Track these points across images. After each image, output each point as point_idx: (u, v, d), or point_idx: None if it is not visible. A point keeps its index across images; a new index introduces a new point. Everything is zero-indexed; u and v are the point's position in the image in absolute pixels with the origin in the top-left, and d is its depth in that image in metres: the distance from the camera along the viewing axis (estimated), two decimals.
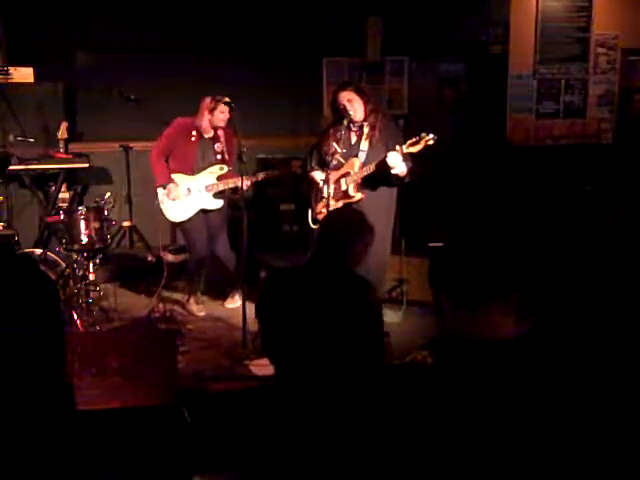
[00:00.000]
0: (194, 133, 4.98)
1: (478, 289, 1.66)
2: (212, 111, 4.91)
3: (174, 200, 4.97)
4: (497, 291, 1.66)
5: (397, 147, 4.18)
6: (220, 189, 5.01)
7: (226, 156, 5.02)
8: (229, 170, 5.03)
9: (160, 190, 5.03)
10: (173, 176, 4.99)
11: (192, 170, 5.02)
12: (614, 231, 5.48)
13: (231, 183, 4.95)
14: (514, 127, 7.23)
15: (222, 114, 4.91)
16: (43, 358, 1.47)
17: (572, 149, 7.17)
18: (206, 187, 5.01)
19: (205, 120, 4.95)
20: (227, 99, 4.79)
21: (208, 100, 4.93)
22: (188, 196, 5.00)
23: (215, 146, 5.04)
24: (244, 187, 4.75)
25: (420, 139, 4.12)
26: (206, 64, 6.52)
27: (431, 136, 4.11)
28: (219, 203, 5.06)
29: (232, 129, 4.89)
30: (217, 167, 5.02)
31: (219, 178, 5.01)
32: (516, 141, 7.22)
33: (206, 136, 5.03)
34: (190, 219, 5.04)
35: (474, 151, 7.00)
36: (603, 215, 5.65)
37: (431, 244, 4.95)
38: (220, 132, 5.04)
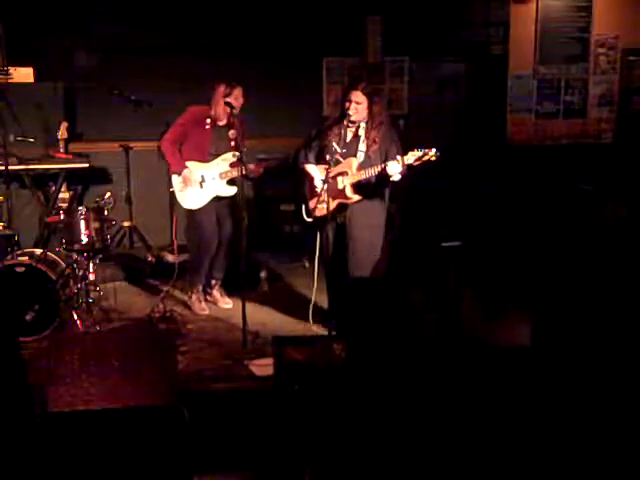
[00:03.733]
0: (208, 121, 5.00)
1: (498, 296, 1.68)
2: (227, 97, 4.91)
3: (189, 187, 4.99)
4: (516, 299, 1.68)
5: (398, 157, 4.21)
6: (234, 176, 5.02)
7: (239, 143, 5.02)
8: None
9: (175, 177, 5.05)
10: (187, 164, 5.01)
11: (205, 157, 5.03)
12: (614, 231, 5.48)
13: (245, 170, 4.94)
14: (514, 127, 7.23)
15: (236, 100, 4.93)
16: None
17: (572, 149, 7.17)
18: (220, 174, 5.03)
19: (220, 107, 4.95)
20: (239, 87, 4.90)
21: (222, 87, 4.94)
22: (203, 183, 5.01)
23: (229, 133, 5.05)
24: (255, 172, 4.90)
25: (424, 154, 4.15)
26: (206, 64, 6.51)
27: (434, 151, 4.13)
28: (233, 190, 5.07)
29: (240, 118, 4.95)
30: (230, 154, 5.03)
31: (232, 165, 5.02)
32: (516, 141, 7.23)
33: (220, 124, 5.04)
34: (201, 209, 5.06)
35: (474, 151, 7.00)
36: (603, 215, 5.65)
37: (444, 244, 4.97)
38: (232, 119, 5.04)
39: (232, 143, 5.05)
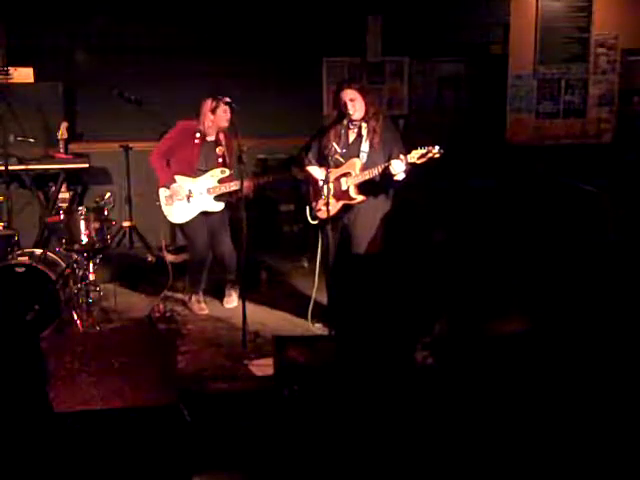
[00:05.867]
0: (197, 136, 4.99)
1: (484, 286, 1.68)
2: (214, 111, 4.91)
3: (177, 202, 4.98)
4: (502, 288, 1.69)
5: (401, 156, 4.20)
6: (221, 192, 5.02)
7: (227, 159, 5.03)
8: (230, 173, 5.03)
9: (162, 191, 5.03)
10: (176, 177, 5.00)
11: (194, 172, 5.02)
12: (614, 231, 5.48)
13: (233, 186, 4.95)
14: (514, 127, 7.23)
15: (224, 113, 4.91)
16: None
17: (572, 149, 7.17)
18: (208, 190, 5.02)
19: (208, 121, 4.95)
20: (227, 99, 4.79)
21: (209, 101, 4.93)
22: (190, 198, 5.01)
23: (217, 149, 5.04)
24: (245, 189, 4.74)
25: (427, 152, 4.13)
26: (206, 64, 6.52)
27: (437, 149, 4.12)
28: (220, 206, 5.07)
29: (233, 132, 4.90)
30: (219, 170, 5.03)
31: (220, 181, 5.02)
32: (516, 141, 7.22)
33: (209, 139, 5.03)
34: (191, 220, 5.05)
35: (474, 151, 7.00)
36: (603, 215, 5.66)
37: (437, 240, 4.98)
38: (221, 135, 5.05)
39: (220, 160, 5.05)
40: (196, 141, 5.00)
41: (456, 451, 2.33)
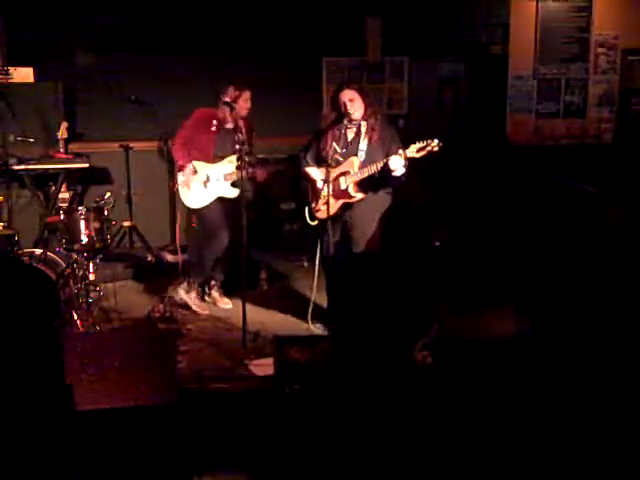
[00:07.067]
0: (214, 123, 5.01)
1: (477, 290, 1.68)
2: (236, 100, 4.91)
3: (193, 186, 5.00)
4: (496, 292, 1.69)
5: (400, 151, 4.20)
6: (238, 178, 5.01)
7: (246, 146, 5.02)
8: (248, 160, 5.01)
9: (180, 175, 5.07)
10: (194, 162, 5.03)
11: (210, 159, 5.04)
12: (614, 231, 5.48)
13: (249, 173, 4.93)
14: (514, 127, 7.24)
15: (245, 103, 4.94)
16: (40, 360, 1.46)
17: (572, 149, 7.18)
18: (225, 176, 5.04)
19: (227, 109, 4.94)
20: (248, 90, 4.90)
21: (231, 90, 4.93)
22: (207, 183, 5.02)
23: (236, 136, 5.03)
24: (259, 176, 4.96)
25: (426, 145, 4.13)
26: (206, 64, 6.52)
27: (436, 142, 4.12)
28: (235, 192, 5.07)
29: (249, 121, 5.00)
30: (235, 157, 5.01)
31: (238, 168, 5.01)
32: (516, 141, 7.23)
33: (227, 126, 5.04)
34: (209, 206, 5.07)
35: (474, 151, 7.01)
36: (603, 215, 5.66)
37: (437, 244, 4.97)
38: (240, 122, 5.03)
39: (237, 146, 5.04)
40: (212, 128, 5.03)
41: (455, 450, 2.33)
